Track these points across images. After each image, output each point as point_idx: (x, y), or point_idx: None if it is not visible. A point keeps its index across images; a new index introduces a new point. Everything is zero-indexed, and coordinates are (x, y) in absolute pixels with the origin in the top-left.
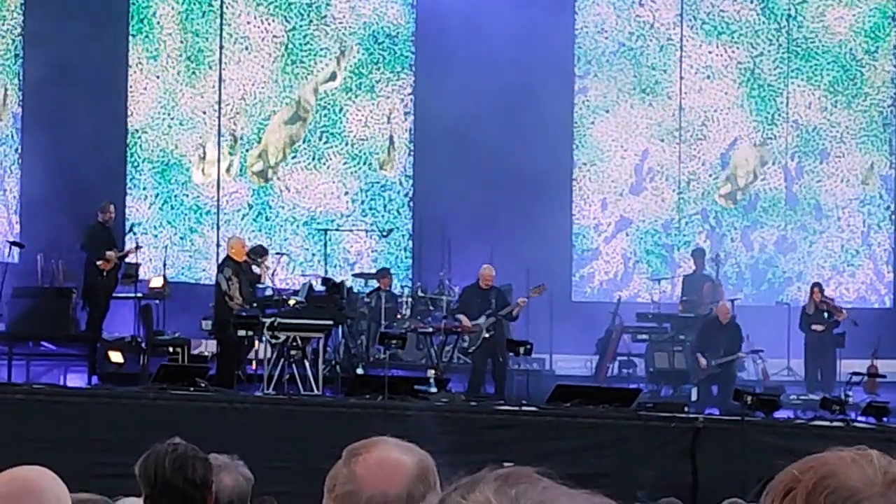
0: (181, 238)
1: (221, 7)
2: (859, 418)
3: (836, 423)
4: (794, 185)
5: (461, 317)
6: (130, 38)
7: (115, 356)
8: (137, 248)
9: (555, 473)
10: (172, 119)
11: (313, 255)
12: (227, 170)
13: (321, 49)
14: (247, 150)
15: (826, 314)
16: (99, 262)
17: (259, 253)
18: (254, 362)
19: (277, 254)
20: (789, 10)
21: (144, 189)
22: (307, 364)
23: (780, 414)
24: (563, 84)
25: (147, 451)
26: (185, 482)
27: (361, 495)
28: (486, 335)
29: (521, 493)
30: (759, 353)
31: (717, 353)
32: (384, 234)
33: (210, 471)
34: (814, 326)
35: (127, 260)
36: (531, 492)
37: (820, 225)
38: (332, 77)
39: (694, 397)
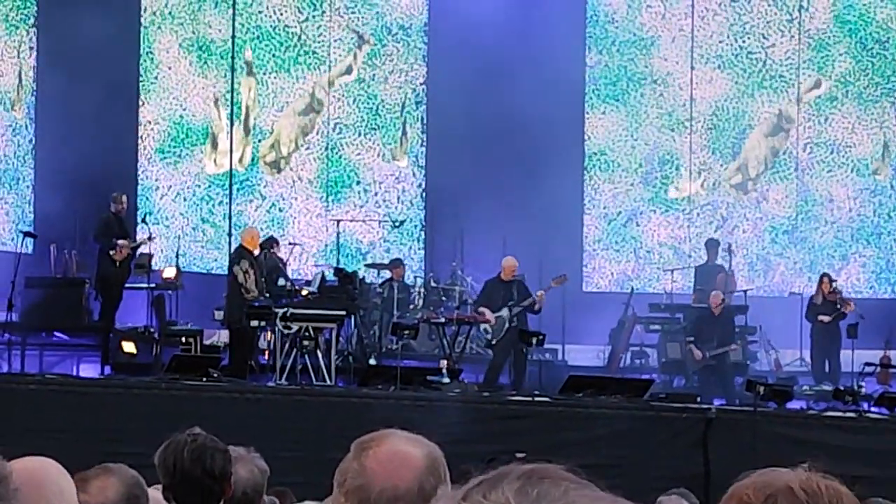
0: (193, 228)
1: None
2: (872, 409)
3: (848, 414)
4: (805, 175)
5: (484, 310)
6: (143, 28)
7: (128, 346)
8: (150, 238)
9: (580, 472)
10: (185, 110)
11: (326, 245)
12: (240, 160)
13: (335, 40)
14: (259, 141)
15: (838, 305)
16: (112, 252)
17: (270, 245)
18: (266, 352)
19: (290, 244)
20: (801, 0)
21: (157, 180)
22: (320, 354)
23: (793, 404)
24: (575, 76)
25: (166, 440)
26: (203, 473)
27: (372, 489)
28: (509, 326)
29: (542, 494)
30: (770, 345)
31: (711, 344)
32: (397, 224)
33: (229, 462)
34: (820, 317)
35: (140, 250)
36: (553, 492)
37: (831, 215)
38: (349, 71)
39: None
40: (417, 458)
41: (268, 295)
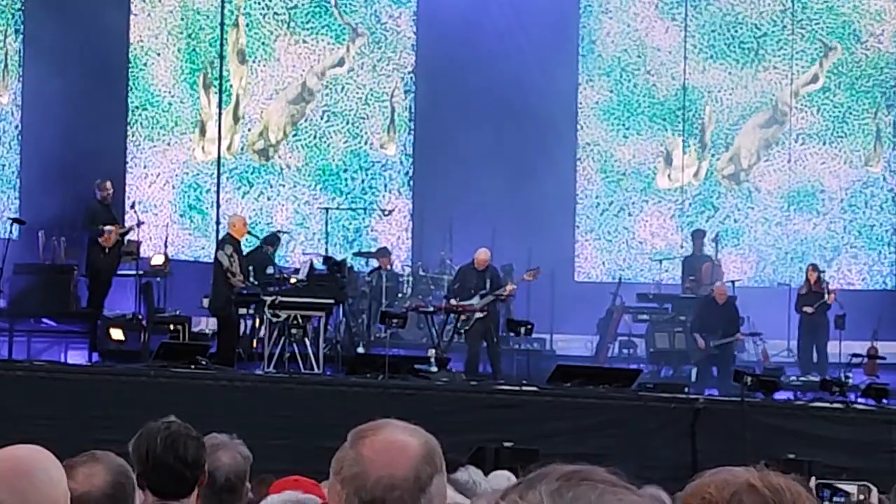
0: (181, 216)
1: None
2: (859, 400)
3: (835, 405)
4: (798, 166)
5: (455, 299)
6: (132, 15)
7: (116, 333)
8: (139, 224)
9: (622, 473)
10: (173, 96)
11: (314, 233)
12: (228, 148)
13: (323, 27)
14: (248, 129)
15: (825, 295)
16: (100, 239)
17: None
18: (254, 340)
19: (278, 231)
20: None
21: (146, 167)
22: (308, 342)
23: (780, 395)
24: (567, 66)
25: (140, 429)
26: (176, 460)
27: (369, 477)
28: (480, 315)
29: (576, 496)
30: (759, 336)
31: (715, 334)
32: (385, 213)
33: (203, 450)
34: (804, 308)
35: (129, 237)
36: (588, 495)
37: (822, 206)
38: (341, 63)
39: (694, 378)
40: (414, 447)
41: (255, 283)
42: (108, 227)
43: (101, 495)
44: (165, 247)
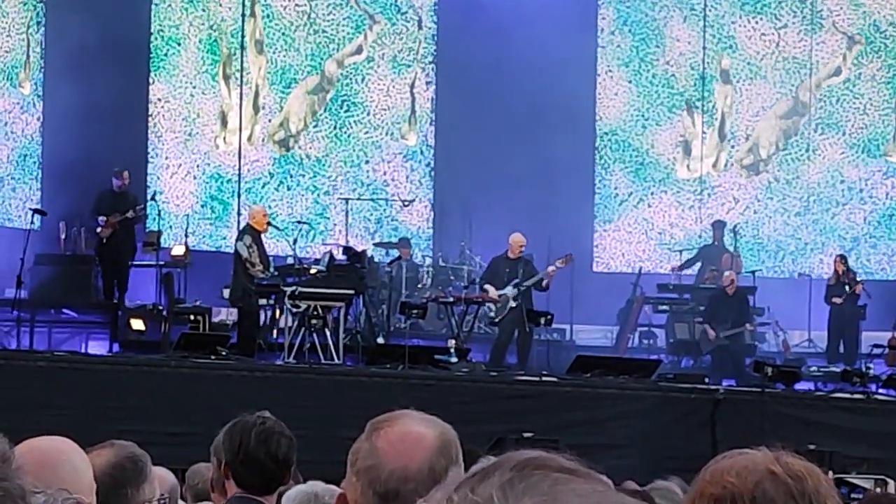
0: (202, 206)
1: None
2: (880, 391)
3: (856, 395)
4: (817, 156)
5: (488, 287)
6: (153, 6)
7: (137, 324)
8: (139, 211)
9: (584, 462)
10: (195, 87)
11: (335, 224)
12: (249, 138)
13: (344, 18)
14: (269, 119)
15: (847, 286)
16: (98, 230)
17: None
18: (274, 331)
19: (298, 222)
20: None
21: (167, 158)
22: (328, 333)
23: (801, 386)
24: (586, 55)
25: (234, 420)
26: (266, 456)
27: (383, 469)
28: (513, 304)
29: (528, 488)
30: (775, 324)
31: (725, 324)
32: (405, 203)
33: (293, 449)
34: (834, 299)
35: (150, 228)
36: (540, 486)
37: (842, 196)
38: (359, 51)
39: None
40: (429, 438)
41: (274, 273)
42: (101, 218)
43: (99, 474)
44: (186, 237)
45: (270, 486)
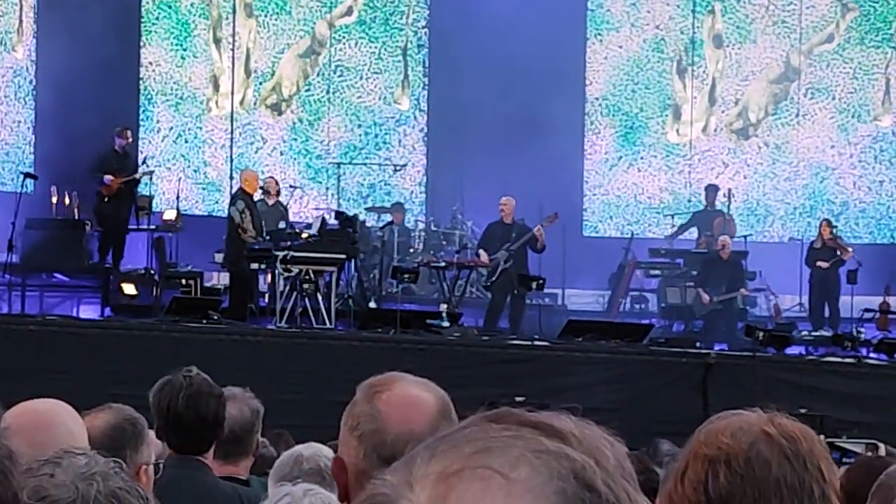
0: (195, 171)
1: None
2: (871, 355)
3: (847, 360)
4: (807, 121)
5: (481, 252)
6: None
7: (129, 288)
8: (148, 173)
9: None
10: (186, 51)
11: (327, 188)
12: (241, 102)
13: None
14: (261, 83)
15: (838, 251)
16: (101, 188)
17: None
18: (266, 295)
19: (291, 187)
20: None
21: (158, 122)
22: (320, 297)
23: (792, 350)
24: (576, 20)
25: (162, 380)
26: (197, 419)
27: (388, 433)
28: (504, 267)
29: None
30: (767, 291)
31: (720, 289)
32: (398, 168)
33: (223, 408)
34: (818, 263)
35: (143, 192)
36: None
37: (831, 161)
38: (349, 12)
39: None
40: (430, 401)
41: (267, 237)
42: (107, 177)
43: (99, 436)
44: (178, 202)
45: (202, 447)
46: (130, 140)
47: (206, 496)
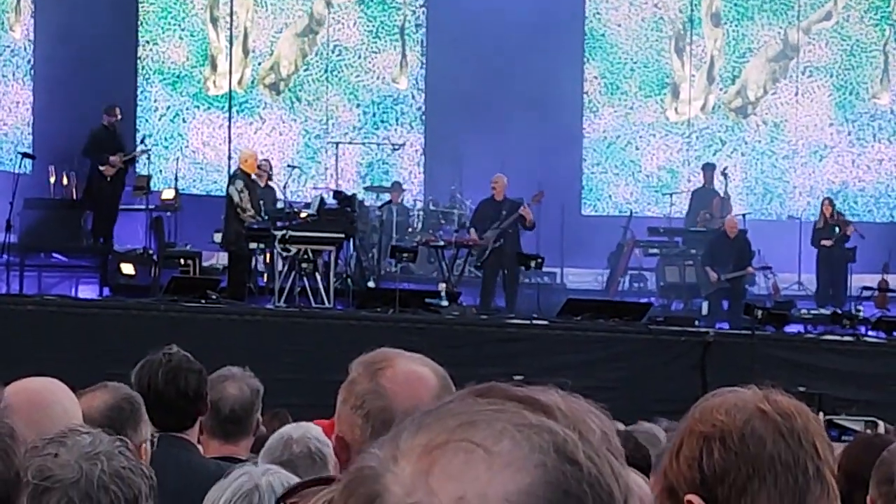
0: (193, 151)
1: None
2: (869, 333)
3: (846, 338)
4: (805, 99)
5: (471, 230)
6: None
7: (127, 268)
8: (146, 152)
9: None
10: (183, 30)
11: (325, 168)
12: (239, 82)
13: None
14: (259, 63)
15: (836, 228)
16: (102, 168)
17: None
18: (265, 275)
19: (289, 166)
20: None
21: (156, 101)
22: (318, 277)
23: (791, 328)
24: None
25: (142, 360)
26: (177, 394)
27: (395, 410)
28: (494, 246)
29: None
30: (770, 270)
31: (727, 267)
32: (396, 147)
33: (204, 382)
34: (823, 241)
35: (140, 172)
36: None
37: (830, 139)
38: None
39: (705, 311)
40: (431, 378)
41: (266, 217)
42: (112, 158)
43: (98, 416)
44: (176, 181)
45: (185, 423)
46: (120, 118)
47: (189, 474)
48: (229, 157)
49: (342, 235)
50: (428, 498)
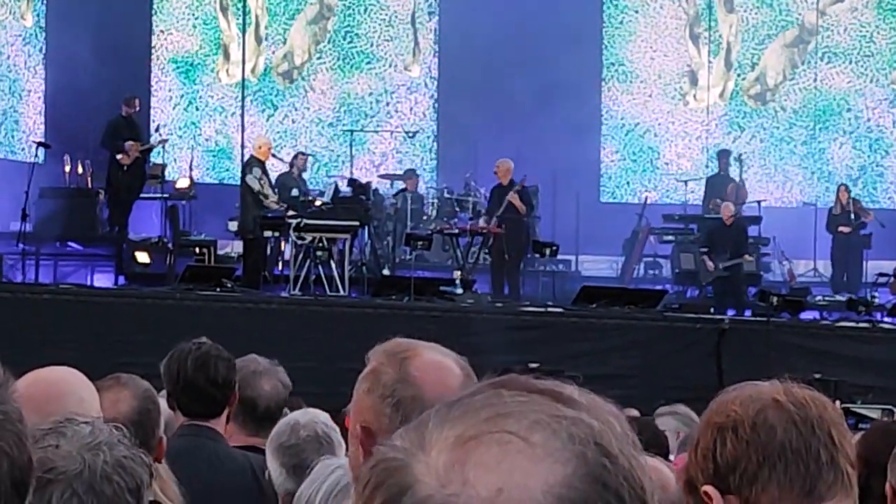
0: (207, 139)
1: None
2: (885, 319)
3: (861, 324)
4: (823, 85)
5: (482, 218)
6: None
7: (142, 256)
8: (163, 141)
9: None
10: (196, 19)
11: (339, 156)
12: (252, 70)
13: None
14: (272, 51)
15: (853, 215)
16: (119, 156)
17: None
18: (280, 263)
19: (303, 154)
20: None
21: (170, 90)
22: (333, 265)
23: (806, 315)
24: None
25: (172, 349)
26: (206, 382)
27: (425, 399)
28: (498, 230)
29: (480, 458)
30: (783, 254)
31: (724, 255)
32: (410, 135)
33: (233, 371)
34: (840, 228)
35: (155, 160)
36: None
37: (848, 125)
38: None
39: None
40: (454, 367)
41: (284, 206)
42: (128, 144)
43: (126, 422)
44: (191, 170)
45: (215, 410)
46: (138, 108)
47: (217, 464)
48: (242, 146)
49: (357, 223)
50: (465, 489)
